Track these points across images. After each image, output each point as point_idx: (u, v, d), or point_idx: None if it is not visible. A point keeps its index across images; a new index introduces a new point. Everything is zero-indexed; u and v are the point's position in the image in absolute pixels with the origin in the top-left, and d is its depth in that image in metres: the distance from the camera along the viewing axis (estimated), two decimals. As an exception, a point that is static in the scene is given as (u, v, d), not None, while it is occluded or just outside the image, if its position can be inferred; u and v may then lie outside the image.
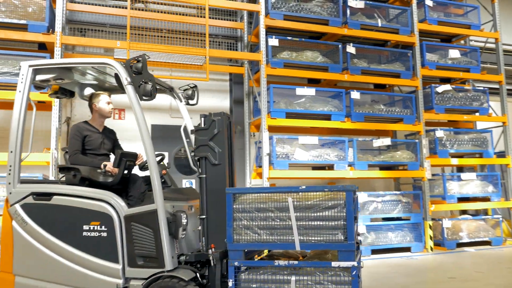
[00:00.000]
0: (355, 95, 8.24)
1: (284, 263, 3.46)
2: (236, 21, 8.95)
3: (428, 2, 9.19)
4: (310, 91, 7.93)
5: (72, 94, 4.50)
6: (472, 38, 10.74)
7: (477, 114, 9.54)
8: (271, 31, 8.19)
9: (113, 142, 4.46)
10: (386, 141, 8.36)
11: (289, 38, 8.07)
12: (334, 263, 3.35)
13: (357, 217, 3.77)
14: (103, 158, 4.20)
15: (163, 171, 4.32)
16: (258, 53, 7.79)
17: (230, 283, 3.47)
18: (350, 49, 8.44)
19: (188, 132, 4.49)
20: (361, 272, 6.42)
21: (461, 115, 9.33)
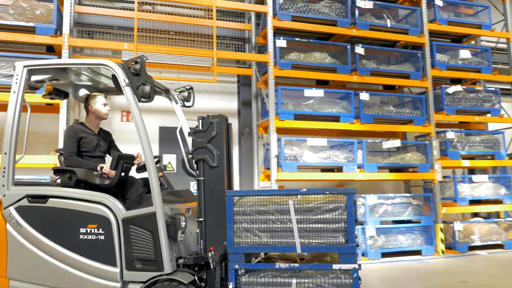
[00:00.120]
0: (364, 97, 8.16)
1: (285, 266, 3.45)
2: (244, 23, 8.92)
3: (438, 2, 9.09)
4: (319, 93, 7.86)
5: (66, 95, 4.43)
6: (483, 38, 10.59)
7: (489, 115, 9.40)
8: (279, 32, 8.13)
9: (109, 144, 4.41)
10: (396, 143, 8.26)
11: (297, 39, 8.01)
12: (335, 266, 3.36)
13: (357, 219, 3.80)
14: (99, 160, 4.15)
15: (160, 173, 4.27)
16: (266, 55, 7.74)
17: (231, 286, 3.45)
18: (359, 50, 8.36)
19: (184, 135, 4.44)
20: (371, 276, 6.34)
21: (472, 116, 9.20)
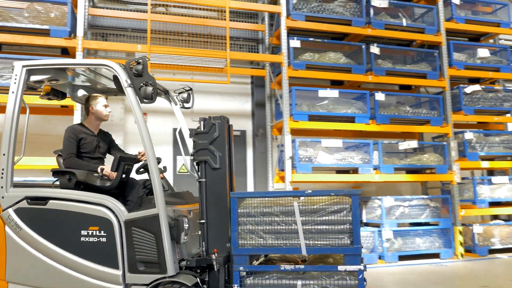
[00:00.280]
0: (380, 97, 8.03)
1: (290, 268, 3.46)
2: (257, 23, 8.88)
3: (455, 0, 8.92)
4: (333, 93, 7.76)
5: (64, 96, 4.39)
6: (502, 37, 10.38)
7: (508, 115, 9.20)
8: (293, 33, 8.06)
9: (108, 145, 4.38)
10: (413, 144, 8.11)
11: (311, 39, 7.93)
12: (340, 267, 3.38)
13: (362, 221, 3.83)
14: (98, 162, 4.11)
15: (160, 175, 4.23)
16: (280, 55, 7.67)
17: None
18: (374, 50, 8.25)
19: (184, 136, 4.40)
20: (388, 279, 6.22)
21: (491, 116, 9.00)
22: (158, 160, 4.30)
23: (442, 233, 7.98)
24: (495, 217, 9.38)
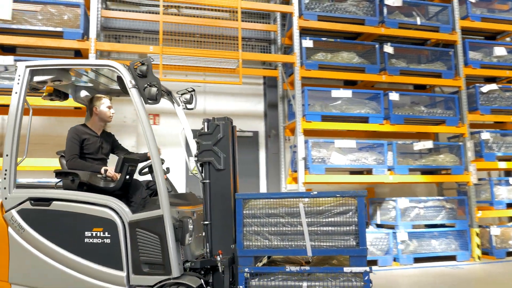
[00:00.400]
0: (394, 97, 7.93)
1: (296, 269, 3.45)
2: (269, 24, 8.84)
3: (471, -2, 8.78)
4: (347, 93, 7.68)
5: (66, 97, 4.38)
6: (519, 35, 10.17)
7: (526, 115, 8.99)
8: (305, 33, 8.00)
9: (111, 146, 4.36)
10: (428, 144, 7.99)
11: (324, 39, 7.86)
12: (346, 269, 3.37)
13: (368, 222, 3.79)
14: (101, 163, 4.09)
15: (164, 176, 4.21)
16: (292, 55, 7.62)
17: None
18: (388, 49, 8.14)
19: (187, 138, 4.38)
20: (403, 281, 6.12)
21: (509, 116, 8.80)
22: (162, 161, 4.31)
23: (459, 235, 7.83)
24: (513, 219, 9.21)
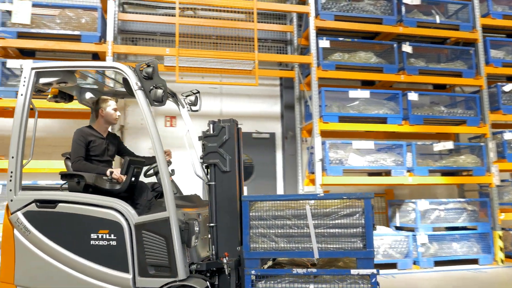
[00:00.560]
0: (413, 97, 7.79)
1: (303, 271, 3.44)
2: (285, 24, 8.79)
3: (492, -5, 8.59)
4: (364, 94, 7.58)
5: (71, 98, 4.37)
6: (542, 32, 9.91)
7: (551, 114, 8.74)
8: (322, 33, 7.92)
9: (117, 147, 4.36)
10: (448, 145, 7.82)
11: (341, 39, 7.78)
12: (353, 271, 3.37)
13: (374, 224, 3.76)
14: (106, 165, 4.09)
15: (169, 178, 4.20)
16: (309, 56, 7.55)
17: None
18: (406, 48, 8.01)
19: (191, 139, 4.37)
20: (423, 285, 5.99)
21: (532, 116, 8.59)
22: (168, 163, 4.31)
23: (481, 238, 7.64)
24: (538, 221, 8.95)
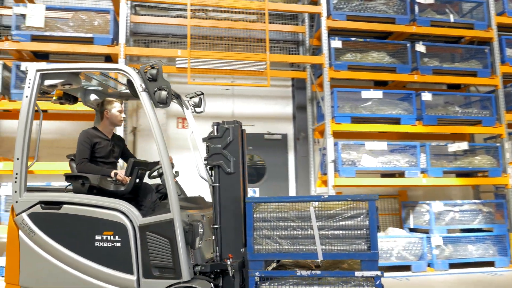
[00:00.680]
0: (427, 97, 7.69)
1: (307, 273, 3.45)
2: (297, 25, 8.76)
3: (507, -7, 8.46)
4: (377, 94, 7.51)
5: (76, 100, 4.38)
6: (559, 30, 9.72)
7: None
8: (334, 33, 7.88)
9: (122, 149, 4.36)
10: (463, 146, 7.70)
11: (353, 39, 7.72)
12: (358, 273, 3.37)
13: (379, 226, 3.73)
14: (111, 166, 4.09)
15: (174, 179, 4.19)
16: (321, 56, 7.51)
17: None
18: (420, 48, 7.92)
19: (195, 140, 4.35)
20: (432, 286, 5.92)
21: (550, 116, 8.43)
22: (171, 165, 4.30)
23: (497, 240, 7.51)
24: (556, 223, 8.76)
